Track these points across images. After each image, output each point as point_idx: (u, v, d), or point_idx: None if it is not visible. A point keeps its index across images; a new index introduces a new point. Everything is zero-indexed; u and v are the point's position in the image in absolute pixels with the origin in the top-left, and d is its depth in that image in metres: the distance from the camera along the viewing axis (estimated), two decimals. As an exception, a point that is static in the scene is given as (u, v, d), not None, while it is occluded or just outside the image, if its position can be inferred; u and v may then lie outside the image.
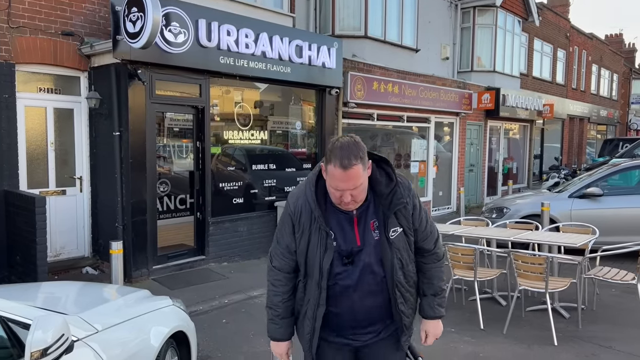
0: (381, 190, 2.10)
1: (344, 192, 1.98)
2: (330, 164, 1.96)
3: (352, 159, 1.93)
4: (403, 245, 2.16)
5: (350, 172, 1.93)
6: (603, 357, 4.42)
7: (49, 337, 1.93)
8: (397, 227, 2.12)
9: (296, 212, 2.13)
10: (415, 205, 2.17)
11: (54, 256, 6.46)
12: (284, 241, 2.20)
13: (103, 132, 6.57)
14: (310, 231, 2.11)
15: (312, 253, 2.12)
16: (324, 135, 8.89)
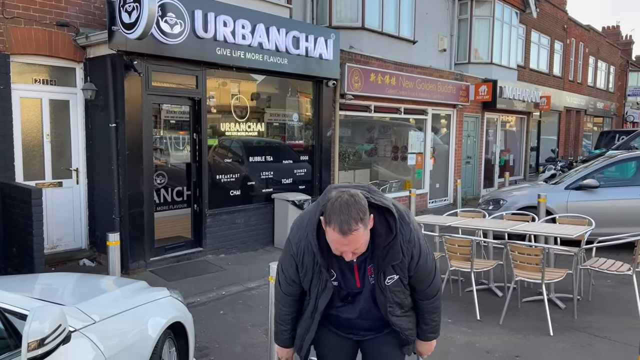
0: (379, 243, 2.03)
1: (344, 252, 1.95)
2: (330, 227, 1.88)
3: (352, 223, 1.85)
4: (399, 289, 2.18)
5: (350, 237, 1.86)
6: (598, 347, 4.46)
7: (46, 327, 1.93)
8: (393, 274, 2.12)
9: (299, 254, 2.11)
10: (413, 256, 2.10)
11: (51, 248, 6.45)
12: (289, 274, 2.22)
13: (99, 124, 6.54)
14: (313, 271, 2.13)
15: (313, 288, 2.19)
16: (321, 127, 8.88)
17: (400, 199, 11.18)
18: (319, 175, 8.95)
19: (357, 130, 10.44)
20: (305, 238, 2.07)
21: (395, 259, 2.05)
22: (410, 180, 11.69)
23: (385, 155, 11.17)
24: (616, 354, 4.30)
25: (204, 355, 4.31)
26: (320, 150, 8.92)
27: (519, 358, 4.24)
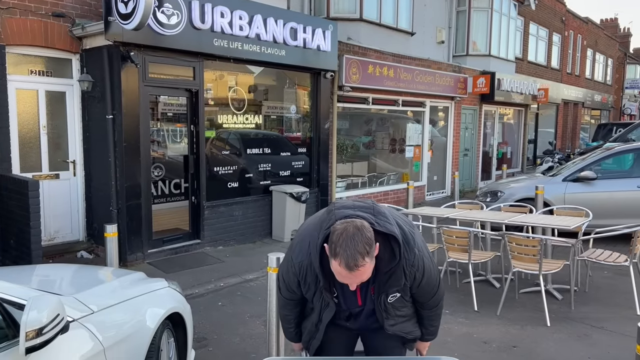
0: (381, 268, 1.99)
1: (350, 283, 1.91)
2: (335, 260, 1.81)
3: (358, 259, 1.78)
4: (400, 304, 2.20)
5: (357, 272, 1.81)
6: (595, 337, 4.48)
7: (44, 317, 1.92)
8: (395, 293, 2.12)
9: (301, 274, 2.10)
10: (415, 278, 2.08)
11: (48, 240, 6.44)
12: (290, 286, 2.22)
13: (96, 116, 6.51)
14: (315, 289, 2.13)
15: (316, 301, 2.21)
16: (319, 120, 8.86)
17: (398, 191, 11.19)
18: (316, 167, 8.94)
19: (355, 122, 10.42)
20: (308, 258, 2.04)
21: (397, 284, 2.05)
22: (408, 173, 11.69)
23: (383, 147, 11.16)
24: (613, 344, 4.32)
25: (203, 346, 4.32)
26: (318, 143, 8.91)
27: (516, 348, 4.26)
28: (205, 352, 4.19)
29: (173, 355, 3.25)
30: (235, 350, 4.26)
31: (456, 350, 4.15)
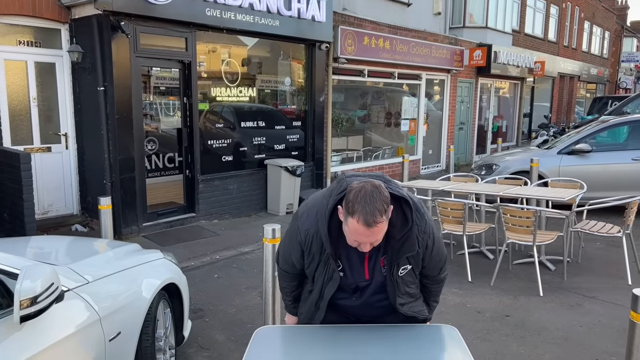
0: (394, 234, 1.96)
1: (364, 244, 1.89)
2: (353, 218, 1.80)
3: (377, 215, 1.77)
4: (411, 279, 2.15)
5: (374, 229, 1.80)
6: (587, 306, 4.55)
7: (38, 286, 1.91)
8: (406, 265, 2.08)
9: (307, 242, 2.06)
10: (427, 246, 2.07)
11: (42, 214, 6.40)
12: (292, 259, 2.18)
13: (87, 88, 6.40)
14: (320, 260, 2.08)
15: (318, 276, 2.14)
16: (314, 93, 8.76)
17: (393, 165, 11.18)
18: (311, 141, 8.89)
19: (350, 96, 10.32)
20: (315, 226, 2.02)
21: (411, 250, 2.01)
22: (403, 147, 11.66)
23: (379, 121, 11.09)
24: (604, 313, 4.39)
25: (199, 317, 4.34)
26: (313, 116, 8.83)
27: (509, 317, 4.32)
28: (202, 323, 4.22)
29: (169, 325, 3.26)
30: (231, 320, 4.29)
31: (450, 319, 4.20)
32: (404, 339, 2.15)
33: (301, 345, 2.18)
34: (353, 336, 2.20)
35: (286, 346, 2.17)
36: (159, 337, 3.02)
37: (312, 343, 2.18)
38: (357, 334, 2.22)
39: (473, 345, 3.75)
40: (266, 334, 2.27)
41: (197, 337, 3.94)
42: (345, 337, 2.20)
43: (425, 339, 2.19)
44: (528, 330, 4.08)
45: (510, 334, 4.00)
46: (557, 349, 3.74)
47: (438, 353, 2.07)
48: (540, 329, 4.09)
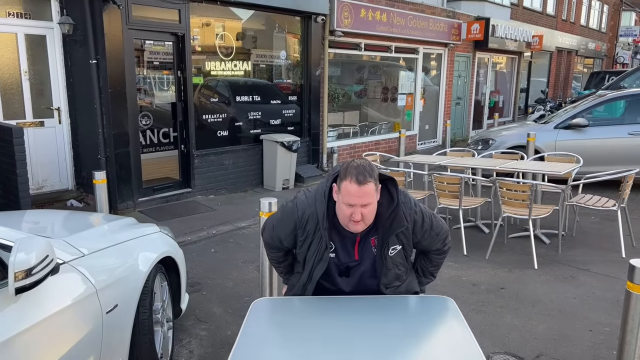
0: (382, 212, 2.12)
1: (356, 209, 2.02)
2: (346, 180, 2.01)
3: (366, 175, 1.99)
4: (401, 261, 2.24)
5: (365, 188, 1.98)
6: (581, 278, 4.59)
7: (33, 258, 1.89)
8: (396, 245, 2.19)
9: (303, 219, 2.18)
10: (416, 221, 2.20)
11: (37, 189, 6.36)
12: (280, 235, 2.29)
13: (79, 61, 6.28)
14: (312, 239, 2.18)
15: (309, 258, 2.23)
16: (310, 67, 8.65)
17: (390, 140, 11.13)
18: (307, 116, 8.82)
19: (346, 70, 10.21)
20: (313, 206, 2.16)
21: (400, 226, 2.13)
22: (399, 122, 11.60)
23: (375, 96, 11.00)
24: (598, 285, 4.43)
25: (196, 290, 4.36)
26: (309, 91, 8.74)
27: (504, 290, 4.36)
28: (199, 296, 4.24)
29: (167, 298, 3.27)
30: (228, 294, 4.31)
31: (445, 292, 4.23)
32: (401, 310, 2.17)
33: (298, 316, 2.19)
34: (350, 306, 2.22)
35: (283, 317, 2.18)
36: (156, 309, 3.03)
37: (309, 313, 2.19)
38: (354, 305, 2.23)
39: (468, 317, 3.78)
40: (263, 305, 2.28)
41: (194, 310, 3.97)
42: (343, 307, 2.22)
43: (422, 310, 2.21)
44: (522, 302, 4.12)
45: (505, 306, 4.05)
46: (551, 321, 3.79)
47: (434, 323, 2.09)
48: (535, 301, 4.14)
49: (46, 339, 1.96)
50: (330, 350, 1.85)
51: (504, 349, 3.39)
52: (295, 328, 2.08)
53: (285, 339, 1.96)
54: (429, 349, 1.88)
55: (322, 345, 1.90)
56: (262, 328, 2.04)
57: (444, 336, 1.96)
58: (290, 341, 1.94)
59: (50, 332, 2.00)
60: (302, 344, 1.91)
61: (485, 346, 3.40)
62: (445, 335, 1.97)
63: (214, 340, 3.54)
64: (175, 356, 3.31)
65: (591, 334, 3.58)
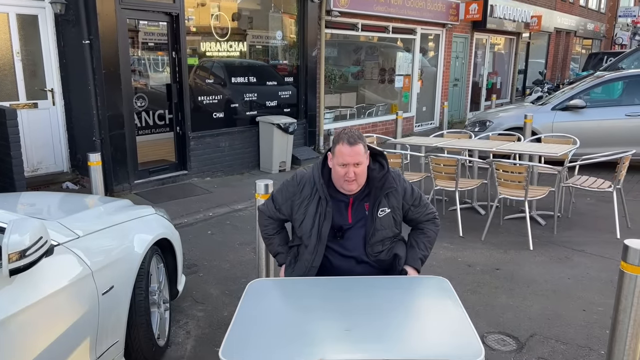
0: (374, 175, 2.42)
1: (349, 168, 2.29)
2: (339, 144, 2.31)
3: (356, 138, 2.31)
4: (389, 224, 2.44)
5: (356, 148, 2.29)
6: (575, 259, 4.62)
7: (27, 239, 1.88)
8: (386, 207, 2.43)
9: (300, 184, 2.46)
10: (405, 188, 2.49)
11: (32, 171, 6.33)
12: (278, 200, 2.53)
13: (72, 41, 6.20)
14: (309, 201, 2.42)
15: (307, 222, 2.42)
16: (306, 47, 8.57)
17: (387, 122, 11.09)
18: (304, 97, 8.76)
19: (343, 51, 10.11)
20: (310, 174, 2.46)
21: (390, 186, 2.42)
22: (397, 104, 11.54)
23: (372, 77, 10.92)
24: (592, 265, 4.47)
25: (193, 272, 4.38)
26: (306, 72, 8.67)
27: (499, 271, 4.39)
28: (196, 278, 4.26)
29: (163, 280, 3.28)
30: (225, 275, 4.32)
31: (441, 273, 4.24)
32: (396, 289, 2.19)
33: (294, 297, 2.20)
34: (346, 287, 2.24)
35: (279, 298, 2.20)
36: (152, 291, 3.03)
37: (305, 294, 2.20)
38: (350, 285, 2.25)
39: (463, 297, 3.81)
40: (259, 286, 2.29)
41: (191, 292, 3.98)
42: (338, 287, 2.24)
43: (418, 289, 2.23)
44: (517, 282, 4.15)
45: (500, 287, 4.08)
46: (545, 301, 3.82)
47: (430, 302, 2.11)
48: (530, 281, 4.17)
49: (42, 320, 1.97)
50: (326, 329, 1.87)
51: (499, 328, 3.43)
52: (291, 308, 2.10)
53: (281, 319, 1.97)
54: (424, 327, 1.90)
55: (318, 324, 1.91)
56: (257, 309, 2.05)
57: (439, 316, 1.98)
58: (286, 321, 1.95)
59: (46, 314, 2.00)
60: (297, 323, 1.93)
61: (480, 326, 3.43)
62: (440, 314, 1.99)
63: (210, 321, 3.56)
64: (172, 337, 3.33)
65: (585, 314, 3.62)
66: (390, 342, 1.76)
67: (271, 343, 1.77)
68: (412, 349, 1.73)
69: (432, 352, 1.71)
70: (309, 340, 1.79)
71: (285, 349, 1.73)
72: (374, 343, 1.75)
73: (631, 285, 2.01)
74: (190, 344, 3.26)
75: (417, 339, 1.81)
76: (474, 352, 1.67)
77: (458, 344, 1.74)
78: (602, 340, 3.27)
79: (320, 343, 1.77)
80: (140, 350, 2.79)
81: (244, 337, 1.81)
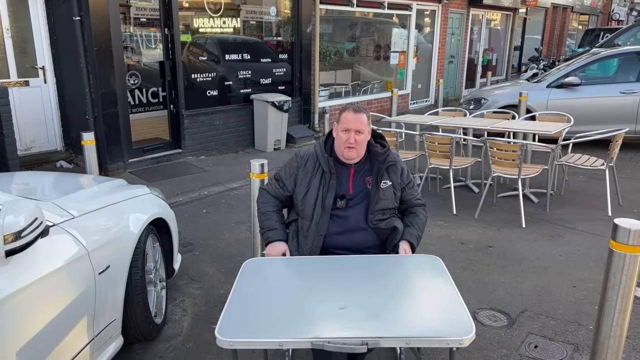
0: (377, 151, 2.59)
1: (350, 134, 2.46)
2: (345, 112, 2.53)
3: (361, 109, 2.52)
4: (390, 196, 2.56)
5: (360, 115, 2.49)
6: (567, 236, 4.68)
7: (22, 220, 1.89)
8: (387, 180, 2.57)
9: (304, 159, 2.61)
10: (403, 168, 2.65)
11: (25, 150, 6.29)
12: (282, 176, 2.65)
13: (62, 18, 6.09)
14: (313, 175, 2.55)
15: (311, 194, 2.53)
16: (301, 23, 8.46)
17: (382, 100, 11.04)
18: (298, 75, 8.69)
19: (338, 27, 9.99)
20: (313, 149, 2.61)
21: (392, 160, 2.60)
22: (392, 81, 11.48)
23: (368, 54, 10.83)
24: (583, 243, 4.53)
25: (189, 250, 4.41)
26: (300, 48, 8.58)
27: (491, 248, 4.45)
28: (192, 256, 4.29)
29: (159, 259, 3.31)
30: (221, 254, 4.36)
31: (434, 251, 4.31)
32: (390, 268, 2.22)
33: (288, 276, 2.23)
34: (341, 265, 2.27)
35: (274, 276, 2.23)
36: (148, 270, 3.06)
37: (299, 273, 2.24)
38: (345, 263, 2.29)
39: (456, 275, 3.87)
40: (254, 265, 2.32)
41: (187, 270, 4.02)
42: (333, 266, 2.27)
43: (411, 268, 2.27)
44: (509, 260, 4.21)
45: (492, 264, 4.13)
46: (536, 278, 3.89)
47: (423, 280, 2.15)
48: (521, 258, 4.23)
49: (38, 301, 1.99)
50: (321, 307, 1.90)
51: (490, 305, 3.49)
52: (286, 286, 2.13)
53: (276, 298, 2.00)
54: (417, 305, 1.94)
55: (313, 302, 1.95)
56: (253, 287, 2.08)
57: (432, 294, 2.02)
58: (281, 299, 1.98)
59: (43, 294, 2.02)
60: (293, 301, 1.96)
61: (472, 302, 3.49)
62: (432, 292, 2.03)
63: (207, 299, 3.60)
64: (169, 314, 3.37)
65: (574, 290, 3.69)
66: (384, 320, 1.80)
67: (267, 321, 1.80)
68: (405, 327, 1.77)
69: (425, 329, 1.76)
70: (305, 318, 1.82)
71: (281, 327, 1.76)
72: (368, 321, 1.78)
73: (620, 263, 2.05)
74: (187, 322, 3.31)
75: (410, 316, 1.85)
76: (465, 329, 1.72)
77: (450, 321, 1.78)
78: (591, 315, 3.34)
79: (316, 321, 1.80)
80: (137, 328, 2.83)
81: (240, 316, 1.84)
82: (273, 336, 1.72)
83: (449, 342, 1.68)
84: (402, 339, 1.70)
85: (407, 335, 1.71)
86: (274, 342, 1.72)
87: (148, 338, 2.97)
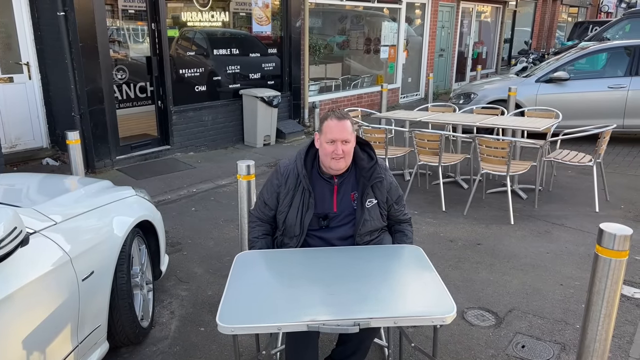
0: (363, 165, 2.45)
1: (337, 145, 2.33)
2: (327, 120, 2.37)
3: (344, 115, 2.38)
4: (377, 216, 2.48)
5: (344, 123, 2.34)
6: (555, 233, 4.71)
7: (0, 230, 1.85)
8: (372, 198, 2.46)
9: (285, 175, 2.48)
10: (391, 183, 2.53)
11: (10, 147, 6.20)
12: (264, 196, 2.56)
13: (46, 13, 5.98)
14: (294, 192, 2.44)
15: (292, 213, 2.44)
16: (290, 17, 8.39)
17: (372, 94, 11.01)
18: (288, 69, 8.63)
19: (328, 20, 9.92)
20: (293, 163, 2.47)
21: (378, 177, 2.46)
22: (382, 75, 11.44)
23: (358, 48, 10.77)
24: (570, 239, 4.56)
25: (177, 250, 4.37)
26: (290, 43, 8.51)
27: (480, 245, 4.46)
28: (180, 256, 4.26)
29: (145, 262, 3.27)
30: (209, 253, 4.33)
31: (423, 248, 4.27)
32: (374, 257, 2.35)
33: (279, 266, 2.34)
34: (328, 256, 2.39)
35: (266, 267, 2.32)
36: (134, 273, 3.03)
37: (290, 264, 2.36)
38: (331, 255, 2.40)
39: (444, 273, 3.88)
40: (246, 257, 2.40)
41: (175, 271, 3.99)
42: (321, 257, 2.38)
43: (394, 257, 2.40)
44: (498, 257, 4.22)
45: (481, 262, 4.15)
46: (524, 276, 3.91)
47: (406, 267, 2.30)
48: (510, 256, 4.25)
49: (19, 311, 1.95)
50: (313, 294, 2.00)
51: (478, 304, 3.50)
52: (278, 276, 2.22)
53: (270, 287, 2.10)
54: (402, 289, 2.07)
55: (305, 290, 2.05)
56: (247, 278, 2.17)
57: (415, 278, 2.17)
58: (275, 288, 2.09)
59: (24, 304, 1.99)
60: (286, 290, 2.07)
61: (460, 302, 3.50)
62: (415, 277, 2.18)
63: (195, 300, 3.58)
64: (156, 317, 3.35)
65: (562, 288, 3.71)
66: (373, 303, 1.92)
67: (263, 308, 1.90)
68: (392, 308, 1.89)
69: (411, 310, 1.89)
70: (299, 304, 1.93)
71: (277, 314, 1.86)
72: (358, 305, 1.90)
73: (605, 268, 2.05)
74: (175, 324, 3.29)
75: (396, 299, 1.97)
76: (446, 308, 1.87)
77: (433, 302, 1.94)
78: (578, 314, 3.37)
79: (310, 306, 1.91)
80: (123, 333, 2.80)
81: (238, 304, 1.93)
82: (271, 321, 1.81)
83: (433, 320, 1.84)
84: (390, 318, 1.84)
85: (394, 315, 1.84)
86: (273, 327, 1.82)
87: (135, 342, 2.95)
